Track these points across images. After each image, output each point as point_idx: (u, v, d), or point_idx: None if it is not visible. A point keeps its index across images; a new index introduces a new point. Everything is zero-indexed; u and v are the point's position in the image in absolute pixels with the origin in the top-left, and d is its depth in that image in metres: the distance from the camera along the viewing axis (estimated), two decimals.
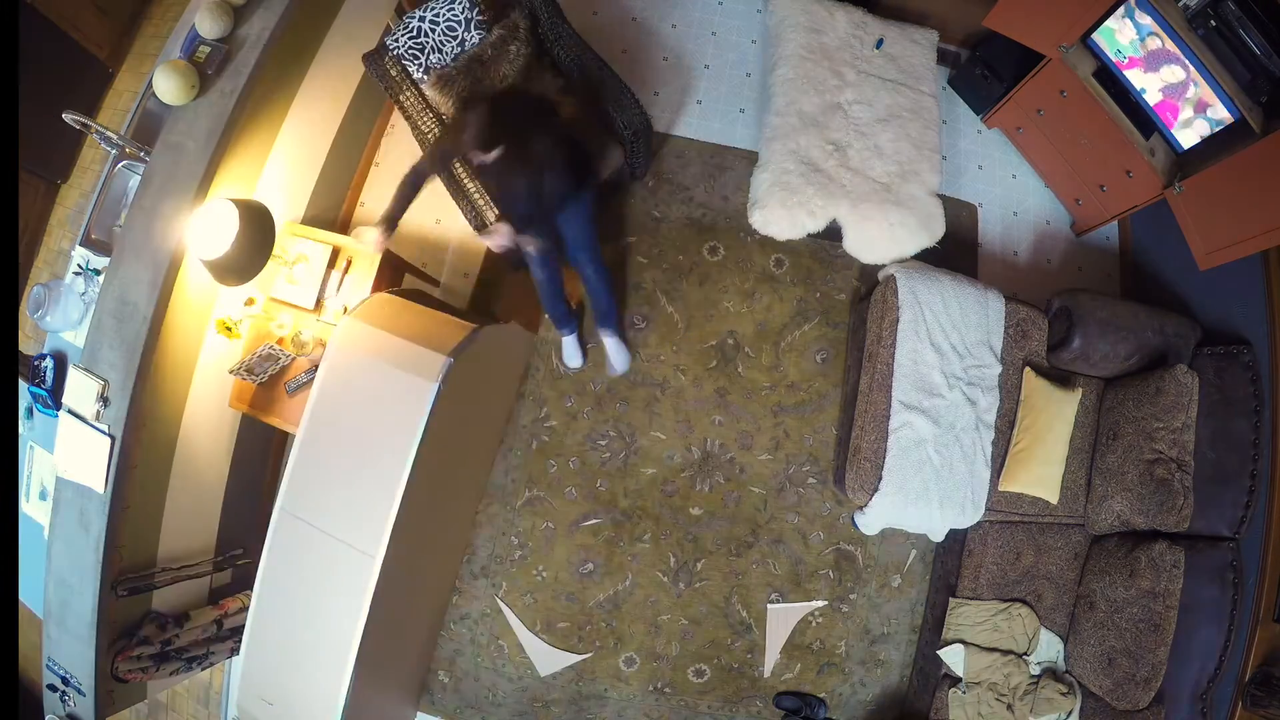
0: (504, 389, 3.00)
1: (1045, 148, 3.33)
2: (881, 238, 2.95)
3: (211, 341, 2.49)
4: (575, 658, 2.93)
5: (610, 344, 2.98)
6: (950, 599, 2.78)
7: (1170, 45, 2.51)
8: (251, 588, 2.84)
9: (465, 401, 2.39)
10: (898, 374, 2.67)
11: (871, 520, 2.68)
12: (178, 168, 2.16)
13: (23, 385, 2.32)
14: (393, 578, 2.10)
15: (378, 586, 2.04)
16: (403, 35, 2.71)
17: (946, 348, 2.72)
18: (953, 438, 2.67)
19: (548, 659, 2.93)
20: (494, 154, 2.13)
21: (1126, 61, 2.69)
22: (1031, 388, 2.78)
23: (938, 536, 2.77)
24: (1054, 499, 2.74)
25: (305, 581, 2.13)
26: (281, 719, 2.19)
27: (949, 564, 2.89)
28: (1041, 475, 2.72)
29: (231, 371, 2.47)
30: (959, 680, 2.68)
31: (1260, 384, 2.64)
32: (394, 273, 2.93)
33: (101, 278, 2.23)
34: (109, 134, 2.20)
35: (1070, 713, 2.70)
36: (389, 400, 2.10)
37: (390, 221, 2.28)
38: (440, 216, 3.28)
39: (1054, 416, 2.74)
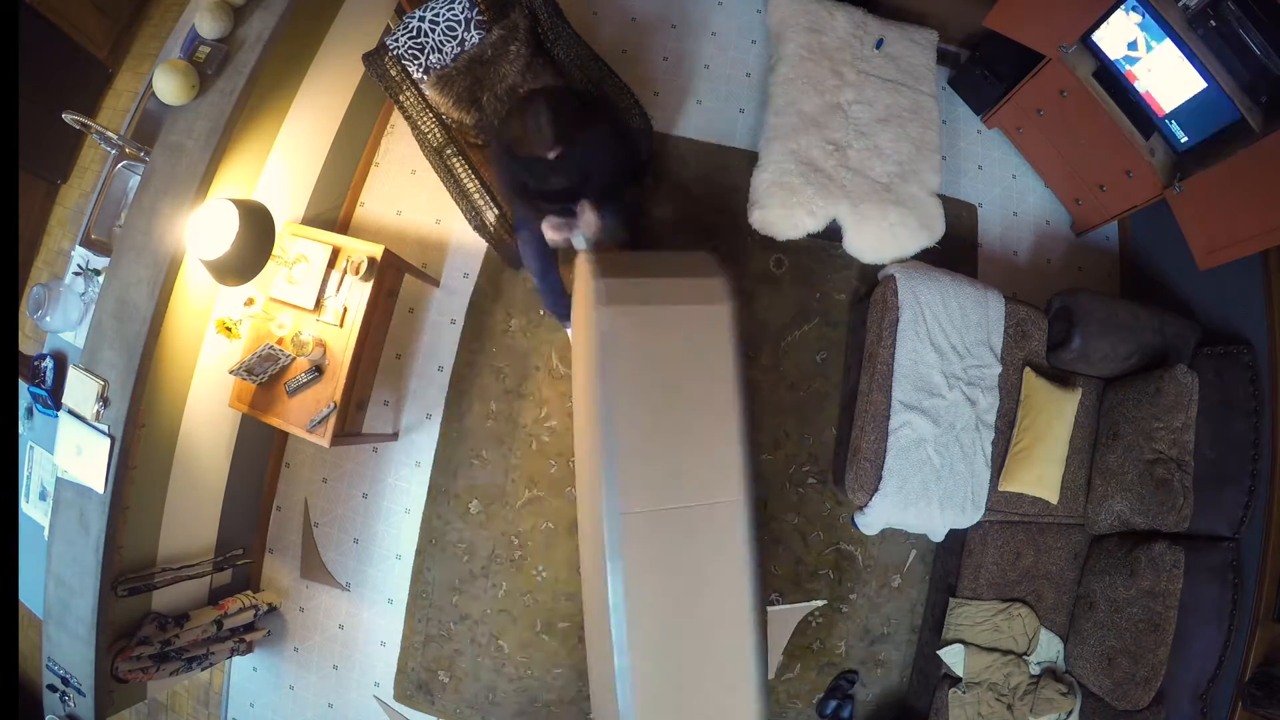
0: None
1: (1045, 148, 3.33)
2: (881, 238, 2.95)
3: (211, 341, 2.49)
4: None
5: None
6: (950, 599, 2.78)
7: (1170, 45, 2.51)
8: (251, 588, 2.84)
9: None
10: (898, 374, 2.67)
11: (871, 520, 2.68)
12: (178, 168, 2.16)
13: (23, 385, 2.32)
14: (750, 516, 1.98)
15: (747, 524, 1.94)
16: (403, 35, 2.71)
17: (946, 348, 2.72)
18: (953, 438, 2.67)
19: None
20: (556, 150, 2.11)
21: (1127, 72, 2.69)
22: (1031, 387, 2.78)
23: (938, 536, 2.77)
24: (1054, 499, 2.74)
25: (675, 574, 1.95)
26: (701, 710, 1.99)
27: (949, 564, 2.89)
28: (1041, 475, 2.72)
29: (231, 372, 2.47)
30: (959, 680, 2.68)
31: (1260, 384, 2.64)
32: (394, 273, 2.93)
33: (101, 278, 2.23)
34: (109, 134, 2.20)
35: (1070, 713, 2.70)
36: (685, 342, 1.98)
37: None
38: (440, 216, 3.28)
39: (1054, 416, 2.74)
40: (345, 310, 2.58)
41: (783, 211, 2.91)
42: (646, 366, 1.98)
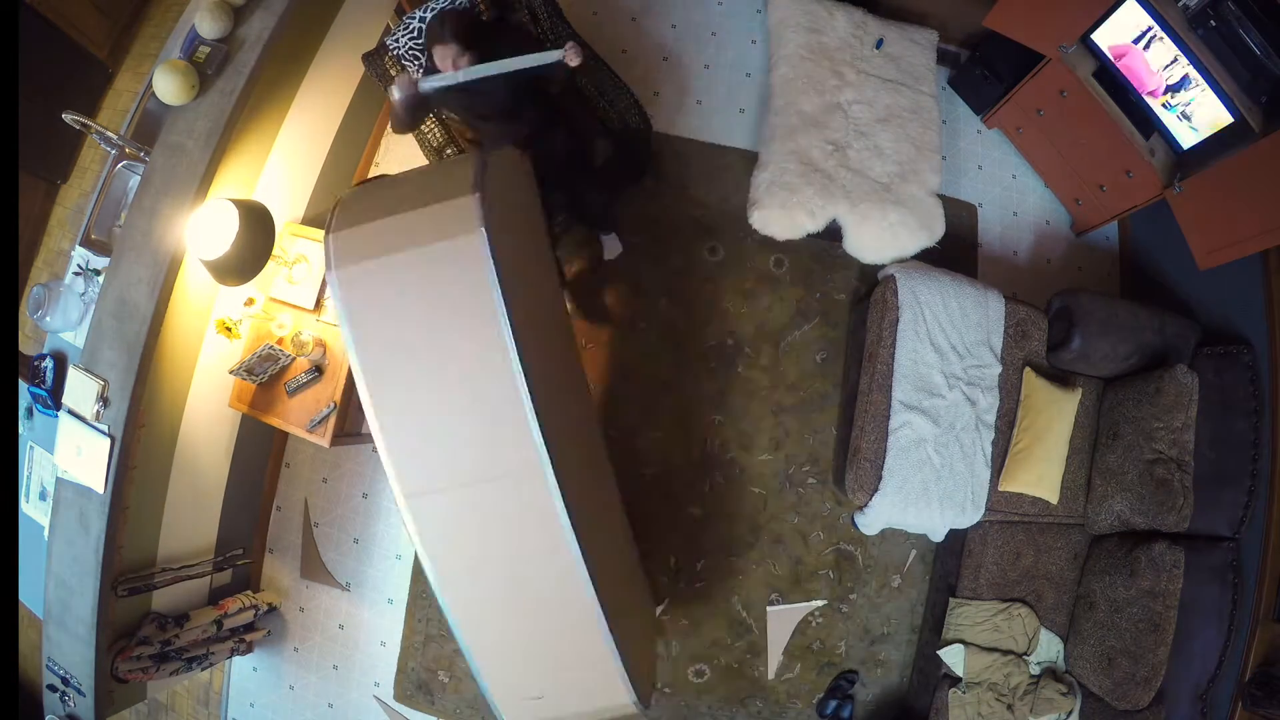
0: (530, 224, 2.38)
1: (1045, 148, 3.33)
2: (881, 238, 2.95)
3: (211, 341, 2.49)
4: None
5: (608, 240, 3.10)
6: (950, 599, 2.78)
7: (1169, 45, 2.51)
8: (251, 588, 2.84)
9: (512, 241, 1.89)
10: (898, 374, 2.67)
11: (871, 520, 2.68)
12: (178, 168, 2.16)
13: (23, 385, 2.32)
14: (568, 480, 1.70)
15: (563, 497, 1.65)
16: (403, 35, 2.71)
17: (946, 348, 2.72)
18: (953, 438, 2.67)
19: None
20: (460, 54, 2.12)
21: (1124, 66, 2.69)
22: (1031, 387, 2.78)
23: (938, 536, 2.77)
24: (1054, 499, 2.74)
25: (484, 555, 1.73)
26: (562, 699, 1.86)
27: (949, 564, 2.89)
28: (1042, 475, 2.72)
29: (231, 372, 2.47)
30: (959, 680, 2.68)
31: (1260, 384, 2.64)
32: None
33: (101, 278, 2.23)
34: (109, 134, 2.20)
35: (1070, 713, 2.70)
36: (439, 288, 1.66)
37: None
38: None
39: (1054, 417, 2.74)
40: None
41: (783, 211, 2.91)
42: (399, 330, 1.68)
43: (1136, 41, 2.59)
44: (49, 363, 2.30)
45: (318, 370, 2.55)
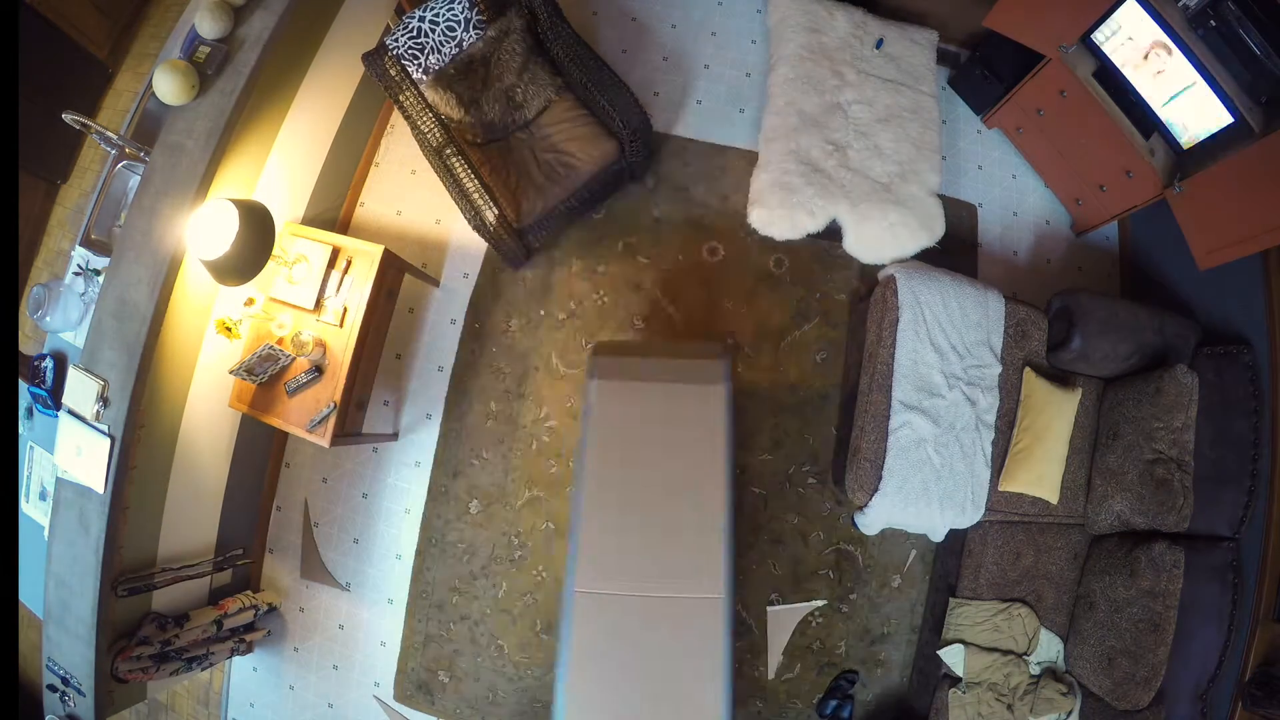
0: None
1: (1045, 148, 3.33)
2: (881, 238, 2.95)
3: (211, 341, 2.49)
4: None
5: None
6: (950, 599, 2.78)
7: (1169, 45, 2.50)
8: (251, 588, 2.84)
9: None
10: (898, 374, 2.67)
11: (871, 520, 2.68)
12: (178, 168, 2.16)
13: (23, 385, 2.32)
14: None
15: (724, 625, 1.84)
16: (402, 35, 2.71)
17: (946, 348, 2.72)
18: (953, 438, 2.67)
19: None
20: None
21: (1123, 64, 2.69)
22: (1031, 387, 2.78)
23: (938, 536, 2.77)
24: (1054, 499, 2.74)
25: (630, 664, 1.85)
26: None
27: (949, 564, 2.89)
28: (1042, 475, 2.72)
29: (231, 372, 2.47)
30: (959, 680, 2.68)
31: (1260, 384, 2.64)
32: (394, 273, 2.93)
33: (101, 278, 2.23)
34: (109, 134, 2.20)
35: (1070, 712, 2.70)
36: (675, 422, 1.95)
37: None
38: (440, 216, 3.28)
39: (1054, 416, 2.74)
40: (345, 310, 2.58)
41: (783, 211, 2.91)
42: (631, 444, 1.94)
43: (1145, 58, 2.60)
44: (49, 363, 2.30)
45: (318, 370, 2.55)
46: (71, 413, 2.16)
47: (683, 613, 1.86)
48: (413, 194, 3.31)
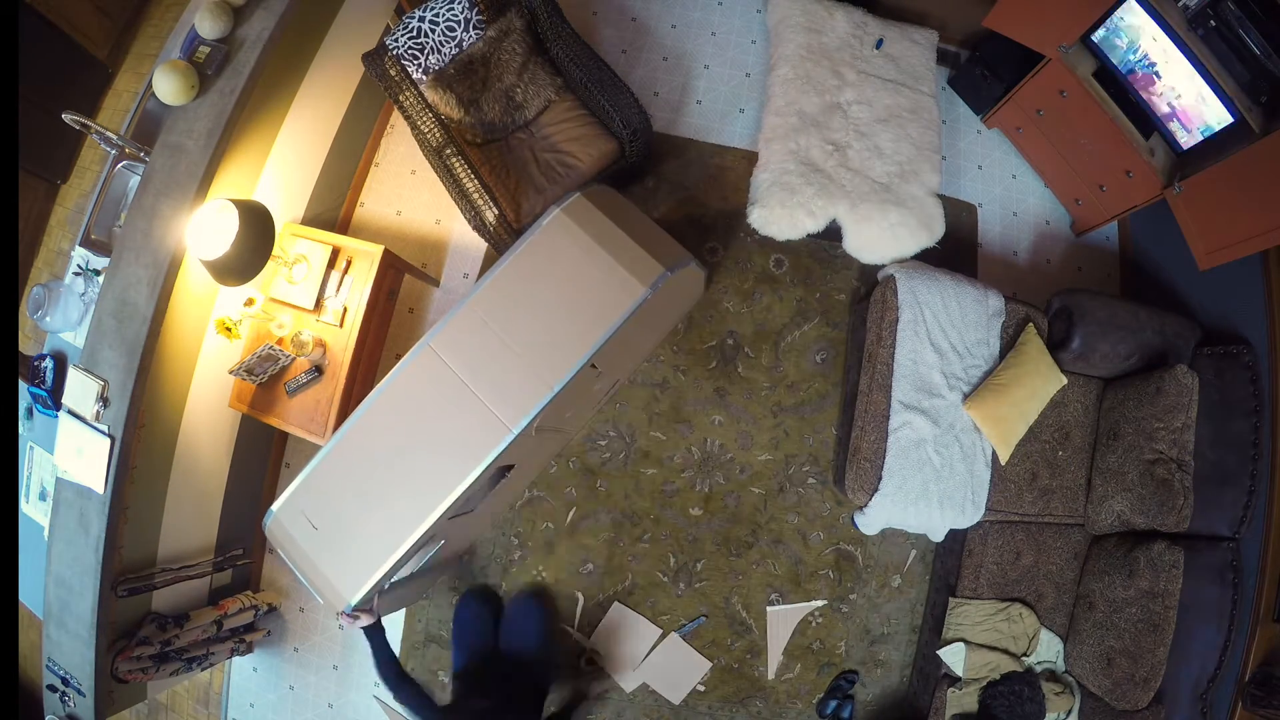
0: (661, 327, 3.00)
1: (1045, 148, 3.33)
2: (881, 238, 2.95)
3: (211, 341, 2.49)
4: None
5: None
6: (950, 599, 2.78)
7: (1169, 45, 2.50)
8: (251, 588, 2.84)
9: (644, 320, 2.39)
10: (897, 374, 2.67)
11: (871, 520, 2.68)
12: (178, 168, 2.16)
13: (23, 385, 2.32)
14: (510, 454, 2.12)
15: (496, 458, 2.05)
16: (402, 35, 2.71)
17: (946, 348, 2.72)
18: (953, 438, 2.67)
19: None
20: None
21: (1136, 67, 2.69)
22: (1029, 338, 2.75)
23: (938, 536, 2.77)
24: (1004, 456, 2.69)
25: (420, 426, 2.11)
26: (319, 548, 2.11)
27: (949, 564, 2.89)
28: (1004, 418, 2.65)
29: (231, 372, 2.48)
30: (959, 680, 2.68)
31: (1260, 384, 2.63)
32: (394, 273, 2.93)
33: (101, 278, 2.23)
34: (109, 134, 2.20)
35: (1069, 712, 2.70)
36: (592, 289, 2.15)
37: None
38: (440, 217, 3.28)
39: (1036, 378, 2.69)
40: (345, 310, 2.58)
41: (783, 211, 2.91)
42: (542, 279, 2.17)
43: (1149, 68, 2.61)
44: (49, 363, 2.30)
45: (318, 370, 2.55)
46: (71, 413, 2.16)
47: (477, 417, 2.10)
48: (413, 194, 3.31)
